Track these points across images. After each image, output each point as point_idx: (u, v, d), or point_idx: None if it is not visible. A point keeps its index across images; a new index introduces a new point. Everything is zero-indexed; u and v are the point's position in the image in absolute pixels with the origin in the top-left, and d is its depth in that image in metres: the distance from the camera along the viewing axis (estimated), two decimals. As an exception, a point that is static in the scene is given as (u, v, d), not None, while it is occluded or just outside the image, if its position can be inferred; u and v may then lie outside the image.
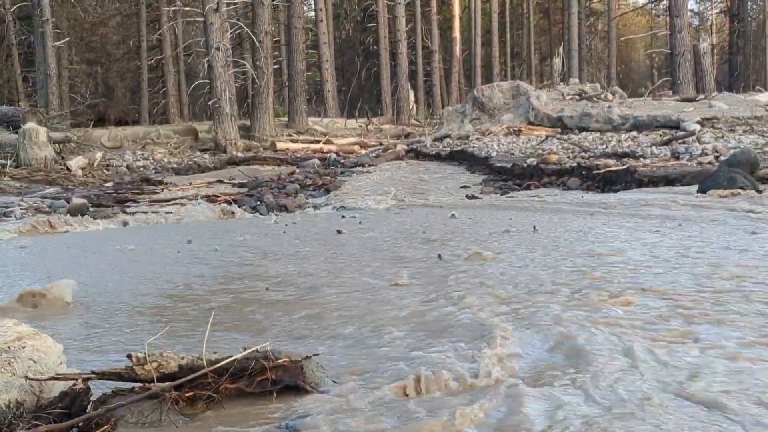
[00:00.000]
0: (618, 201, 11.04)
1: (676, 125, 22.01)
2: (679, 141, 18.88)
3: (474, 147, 23.63)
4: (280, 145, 29.16)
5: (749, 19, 51.30)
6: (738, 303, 4.57)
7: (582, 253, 6.64)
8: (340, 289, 5.72)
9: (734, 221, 8.16)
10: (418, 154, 25.59)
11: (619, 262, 6.05)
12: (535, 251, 6.90)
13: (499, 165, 19.27)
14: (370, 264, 6.79)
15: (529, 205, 11.53)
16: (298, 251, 7.87)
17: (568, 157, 18.57)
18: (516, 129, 26.30)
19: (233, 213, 13.58)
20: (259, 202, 15.22)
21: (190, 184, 19.63)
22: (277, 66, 40.62)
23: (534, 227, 8.43)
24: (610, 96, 29.58)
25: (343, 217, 11.42)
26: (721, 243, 6.83)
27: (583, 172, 15.81)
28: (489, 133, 26.19)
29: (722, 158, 14.64)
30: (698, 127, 20.67)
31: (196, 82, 36.63)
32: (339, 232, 9.13)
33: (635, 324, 4.20)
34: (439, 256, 6.88)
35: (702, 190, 10.97)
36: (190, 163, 26.71)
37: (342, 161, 25.30)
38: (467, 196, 14.65)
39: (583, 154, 19.11)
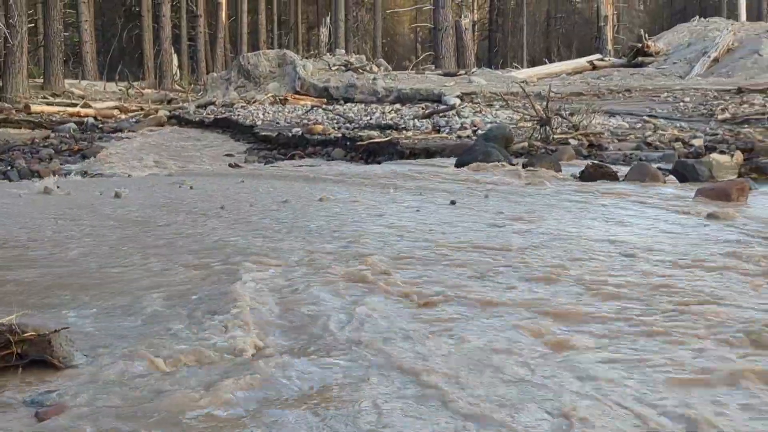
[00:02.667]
0: (375, 173, 11.21)
1: (437, 99, 22.62)
2: (441, 114, 19.39)
3: (239, 115, 23.42)
4: (34, 108, 27.78)
5: (508, -2, 53.36)
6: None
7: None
8: (95, 256, 5.51)
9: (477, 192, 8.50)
10: (181, 121, 25.10)
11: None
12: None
13: (264, 134, 19.18)
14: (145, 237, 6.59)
15: (290, 175, 11.54)
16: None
17: (334, 128, 18.71)
18: (282, 98, 26.27)
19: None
20: (10, 168, 14.47)
21: (-65, 146, 18.42)
22: (32, 25, 38.74)
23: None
24: (375, 68, 30.03)
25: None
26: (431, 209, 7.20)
27: (347, 143, 15.99)
28: (254, 102, 26.05)
29: (480, 132, 15.16)
30: (458, 101, 21.32)
31: (-57, 38, 34.30)
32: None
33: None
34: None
35: (460, 163, 11.30)
36: (-65, 123, 25.07)
37: (101, 126, 24.39)
38: (230, 165, 14.51)
39: (348, 124, 19.31)
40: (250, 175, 11.74)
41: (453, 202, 7.58)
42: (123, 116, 27.55)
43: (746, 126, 14.91)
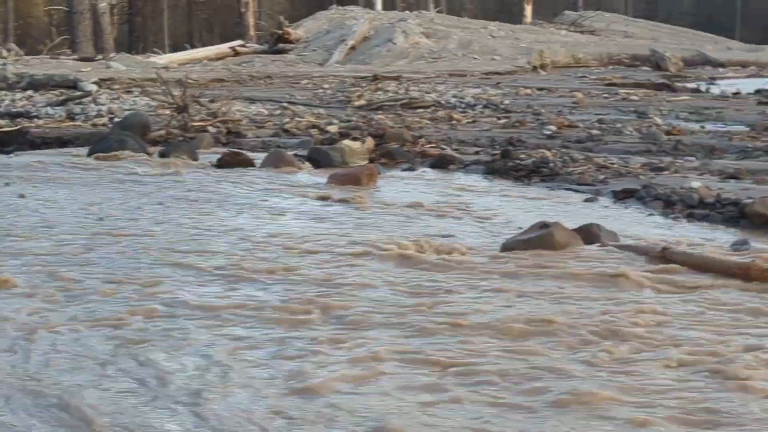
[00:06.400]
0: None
1: (73, 85, 21.75)
2: (76, 102, 18.64)
3: None
4: None
5: (148, -19, 52.34)
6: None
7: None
8: None
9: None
10: None
11: None
12: None
13: None
14: None
15: None
16: None
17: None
18: None
19: None
20: None
21: None
22: None
23: None
24: (5, 53, 28.57)
25: None
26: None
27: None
28: None
29: (117, 120, 14.71)
30: (95, 87, 20.60)
31: None
32: None
33: None
34: None
35: (93, 152, 10.85)
36: None
37: None
38: None
39: (-30, 113, 18.12)
40: None
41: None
42: None
43: (380, 112, 15.43)
